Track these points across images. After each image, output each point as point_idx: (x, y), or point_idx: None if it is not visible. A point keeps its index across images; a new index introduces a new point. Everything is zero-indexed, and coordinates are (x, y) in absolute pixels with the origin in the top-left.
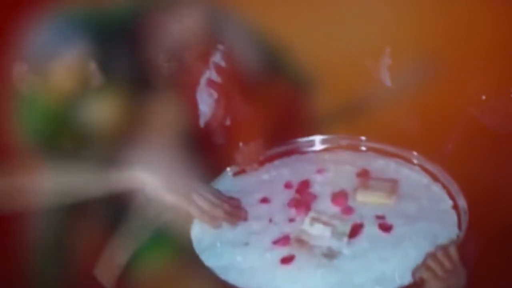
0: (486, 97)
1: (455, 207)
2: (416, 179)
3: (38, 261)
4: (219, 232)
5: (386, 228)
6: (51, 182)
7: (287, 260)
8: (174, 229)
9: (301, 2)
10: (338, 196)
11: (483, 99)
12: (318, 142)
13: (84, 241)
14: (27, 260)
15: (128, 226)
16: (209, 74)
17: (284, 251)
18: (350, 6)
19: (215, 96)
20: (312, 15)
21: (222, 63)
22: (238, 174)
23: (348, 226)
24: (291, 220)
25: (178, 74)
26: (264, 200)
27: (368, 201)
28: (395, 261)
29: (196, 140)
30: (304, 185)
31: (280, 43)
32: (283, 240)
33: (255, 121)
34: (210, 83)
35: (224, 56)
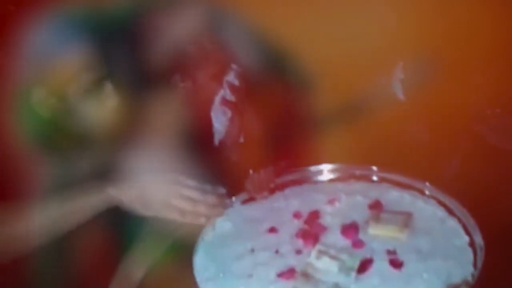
0: (491, 111)
1: (471, 244)
2: (430, 213)
3: (38, 261)
4: (223, 262)
5: (397, 264)
6: (40, 224)
7: None
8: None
9: (301, 2)
10: (349, 229)
11: (494, 112)
12: (329, 171)
13: (84, 241)
14: (27, 260)
15: (143, 242)
16: (223, 93)
17: (289, 285)
18: (350, 6)
19: (229, 114)
20: (312, 15)
21: (236, 82)
22: (247, 201)
23: (357, 261)
24: (298, 252)
25: (192, 94)
26: (271, 230)
27: (379, 234)
28: None
29: (210, 156)
30: (314, 215)
31: (280, 43)
32: (289, 273)
33: (265, 139)
34: (224, 102)
35: (237, 75)
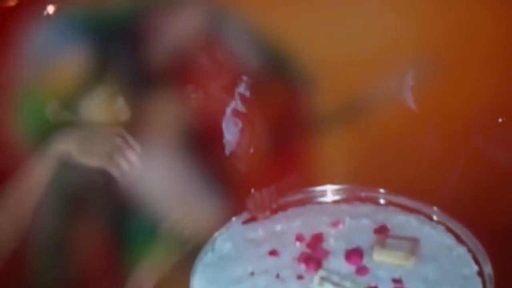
0: (492, 120)
1: (481, 273)
2: (438, 239)
3: (38, 261)
4: (222, 285)
5: None
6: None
7: None
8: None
9: (301, 2)
10: (353, 254)
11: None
12: (334, 192)
13: (84, 241)
14: (27, 260)
15: (153, 251)
16: (234, 104)
17: None
18: (350, 6)
19: (240, 125)
20: (312, 15)
21: (247, 93)
22: (248, 221)
23: None
24: (300, 277)
25: (204, 105)
26: (272, 252)
27: (385, 261)
28: None
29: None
30: (317, 239)
31: (280, 43)
32: None
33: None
34: (235, 113)
35: (248, 86)
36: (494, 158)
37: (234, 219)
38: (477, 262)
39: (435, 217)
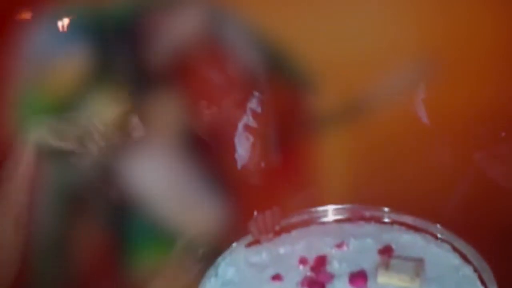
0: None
1: None
2: (444, 260)
3: (38, 261)
4: None
5: None
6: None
7: None
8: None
9: (301, 2)
10: (357, 277)
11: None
12: (338, 211)
13: (84, 241)
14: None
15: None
16: (246, 119)
17: None
18: (351, 6)
19: (251, 140)
20: (312, 15)
21: (258, 108)
22: (251, 244)
23: None
24: None
25: (217, 120)
26: (276, 277)
27: (389, 283)
28: None
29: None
30: (320, 262)
31: (280, 43)
32: None
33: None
34: (247, 128)
35: (259, 102)
36: (498, 171)
37: (236, 243)
38: (483, 282)
39: (440, 235)
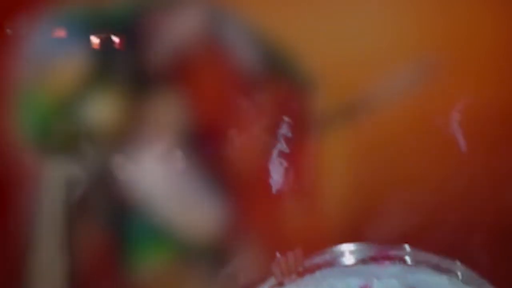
0: None
1: None
2: None
3: (38, 261)
4: None
5: None
6: None
7: None
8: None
9: (301, 2)
10: None
11: None
12: (361, 251)
13: (84, 241)
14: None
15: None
16: (280, 146)
17: None
18: (350, 6)
19: (284, 164)
20: (312, 15)
21: (289, 134)
22: (275, 287)
23: None
24: None
25: (248, 147)
26: None
27: None
28: None
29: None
30: None
31: (280, 43)
32: None
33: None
34: (280, 154)
35: (289, 127)
36: None
37: (260, 286)
38: None
39: (464, 276)
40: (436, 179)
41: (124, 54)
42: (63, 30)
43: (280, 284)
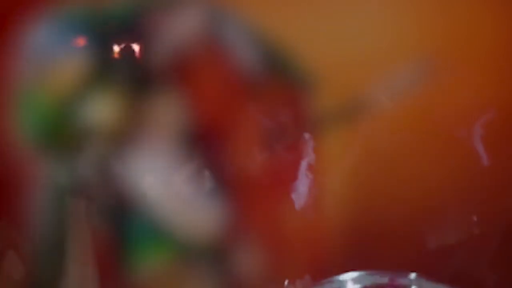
0: None
1: None
2: None
3: (38, 261)
4: None
5: None
6: None
7: None
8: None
9: (301, 2)
10: None
11: None
12: (369, 278)
13: (84, 241)
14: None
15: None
16: (309, 158)
17: None
18: (350, 6)
19: (310, 176)
20: (312, 15)
21: (311, 145)
22: None
23: None
24: None
25: (271, 163)
26: None
27: None
28: None
29: None
30: None
31: (280, 43)
32: None
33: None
34: (308, 166)
35: (311, 140)
36: None
37: None
38: None
39: None
40: (437, 179)
41: (124, 54)
42: (63, 30)
43: None
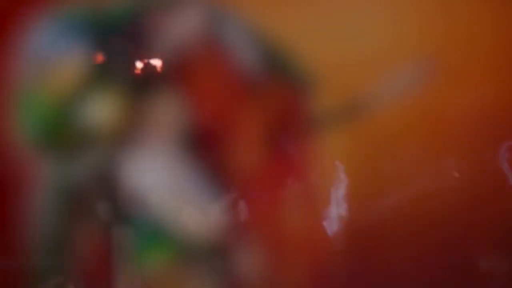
0: None
1: None
2: None
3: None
4: None
5: None
6: None
7: None
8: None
9: (301, 2)
10: None
11: None
12: None
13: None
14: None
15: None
16: (340, 186)
17: None
18: (350, 6)
19: (343, 204)
20: (312, 15)
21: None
22: None
23: None
24: None
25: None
26: None
27: None
28: None
29: None
30: None
31: (280, 43)
32: None
33: None
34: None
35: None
36: None
37: None
38: None
39: None
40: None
41: (124, 54)
42: (63, 30)
43: None
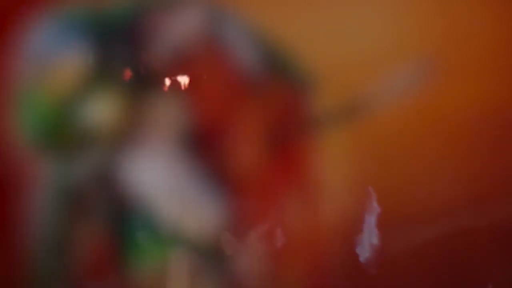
0: None
1: None
2: None
3: (37, 261)
4: None
5: None
6: None
7: None
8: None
9: (301, 2)
10: None
11: None
12: None
13: (84, 241)
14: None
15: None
16: (375, 213)
17: None
18: (350, 6)
19: (375, 232)
20: (312, 15)
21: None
22: None
23: None
24: None
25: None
26: None
27: None
28: None
29: None
30: None
31: (280, 43)
32: None
33: None
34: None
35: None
36: None
37: None
38: None
39: None
40: (437, 179)
41: (124, 54)
42: (63, 30)
43: None
